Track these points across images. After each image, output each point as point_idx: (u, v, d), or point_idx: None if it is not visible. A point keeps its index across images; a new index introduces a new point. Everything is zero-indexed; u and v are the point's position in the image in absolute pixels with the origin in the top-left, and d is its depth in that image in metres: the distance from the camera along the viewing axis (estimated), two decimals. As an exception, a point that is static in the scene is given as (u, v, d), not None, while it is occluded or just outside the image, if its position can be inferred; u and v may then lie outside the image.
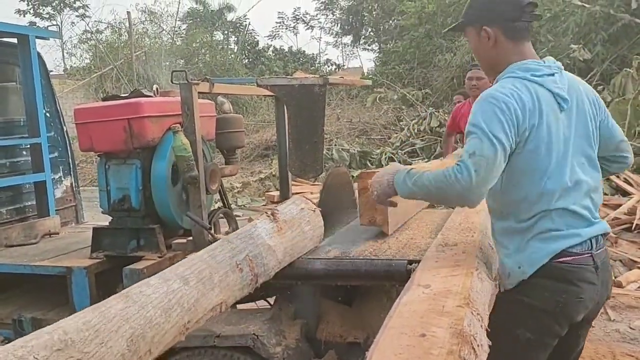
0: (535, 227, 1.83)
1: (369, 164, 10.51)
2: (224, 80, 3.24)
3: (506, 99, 1.75)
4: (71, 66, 23.29)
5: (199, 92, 2.74)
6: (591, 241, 1.84)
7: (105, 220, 3.59)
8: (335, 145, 11.63)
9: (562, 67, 1.93)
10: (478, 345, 1.30)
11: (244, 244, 2.02)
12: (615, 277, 4.75)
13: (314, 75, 2.86)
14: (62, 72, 22.52)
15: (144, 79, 19.12)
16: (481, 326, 1.44)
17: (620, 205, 6.22)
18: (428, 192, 1.85)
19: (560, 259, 1.80)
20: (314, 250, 2.48)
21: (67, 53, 24.99)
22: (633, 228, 5.72)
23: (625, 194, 6.68)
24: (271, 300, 2.88)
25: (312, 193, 7.01)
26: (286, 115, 2.82)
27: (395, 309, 1.51)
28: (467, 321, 1.36)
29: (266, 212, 2.38)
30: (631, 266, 5.03)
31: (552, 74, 1.86)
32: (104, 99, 3.28)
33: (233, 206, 7.01)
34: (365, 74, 22.87)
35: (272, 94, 3.08)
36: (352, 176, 3.86)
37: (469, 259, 1.93)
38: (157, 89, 3.30)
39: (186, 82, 2.62)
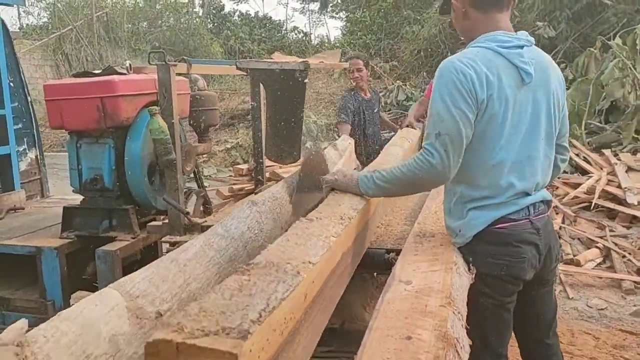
0: (480, 199, 1.91)
1: (337, 136, 10.50)
2: (201, 61, 3.17)
3: (463, 68, 1.78)
4: (27, 25, 22.31)
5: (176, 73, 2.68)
6: (529, 208, 1.93)
7: (68, 191, 3.53)
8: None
9: (534, 42, 1.96)
10: (461, 348, 1.34)
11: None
12: (574, 256, 4.93)
13: (293, 58, 2.83)
14: (18, 30, 21.56)
15: (105, 41, 18.51)
16: (462, 325, 1.49)
17: (579, 184, 6.41)
18: (402, 183, 1.93)
19: (498, 225, 1.90)
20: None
21: (23, 11, 23.87)
22: (592, 207, 5.91)
23: (584, 172, 6.89)
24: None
25: (280, 167, 6.99)
26: (265, 98, 2.79)
27: (380, 308, 1.54)
28: (450, 322, 1.40)
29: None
30: (589, 245, 5.22)
31: (521, 47, 1.87)
32: (75, 75, 3.17)
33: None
34: (332, 43, 22.68)
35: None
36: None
37: (447, 252, 1.97)
38: (130, 65, 3.21)
39: (164, 63, 2.56)
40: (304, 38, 25.66)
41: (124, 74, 3.08)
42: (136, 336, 1.22)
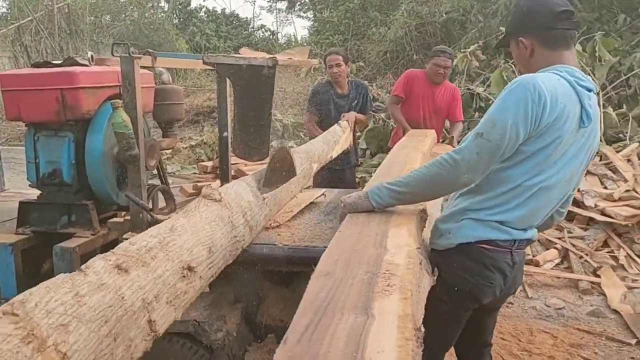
0: (485, 213, 1.90)
1: (303, 136, 10.48)
2: (167, 54, 3.10)
3: (542, 90, 1.74)
4: (-16, 14, 21.54)
5: (140, 66, 2.61)
6: (515, 241, 1.95)
7: (25, 186, 3.42)
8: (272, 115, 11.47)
9: (596, 91, 1.96)
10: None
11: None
12: (533, 256, 5.04)
13: (261, 53, 2.79)
14: (-26, 20, 20.79)
15: (66, 33, 18.02)
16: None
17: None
18: (421, 185, 1.91)
19: (484, 245, 1.91)
20: (262, 236, 2.46)
21: (-20, 0, 23.09)
22: (551, 209, 6.03)
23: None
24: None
25: (245, 165, 6.94)
26: (232, 94, 2.75)
27: None
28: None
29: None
30: (548, 246, 5.33)
31: (590, 90, 1.87)
32: (34, 66, 3.06)
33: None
34: (299, 42, 22.66)
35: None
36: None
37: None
38: (92, 56, 3.12)
39: (128, 55, 2.49)
40: (271, 36, 25.59)
41: (86, 65, 3.00)
42: (257, 203, 2.31)
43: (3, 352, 1.00)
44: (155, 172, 3.41)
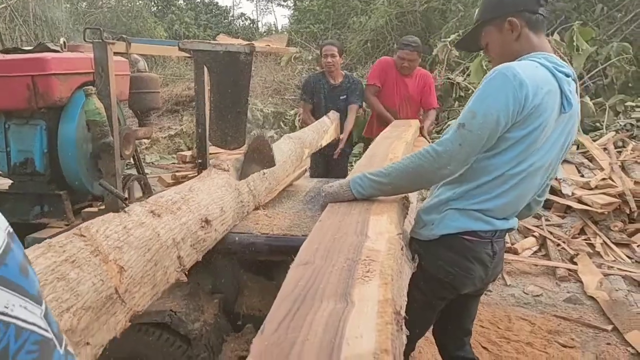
0: (469, 202, 1.88)
1: (282, 125, 10.43)
2: (142, 40, 3.03)
3: (522, 79, 1.71)
4: (-44, 1, 20.98)
5: (114, 52, 2.54)
6: (497, 231, 1.94)
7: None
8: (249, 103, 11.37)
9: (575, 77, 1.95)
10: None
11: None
12: (512, 244, 5.08)
13: (238, 40, 2.74)
14: (-55, 7, 20.23)
15: (42, 20, 17.65)
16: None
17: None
18: (402, 175, 1.88)
19: (466, 236, 1.90)
20: (239, 225, 2.43)
21: (-50, -15, 22.44)
22: (529, 198, 6.07)
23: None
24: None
25: (228, 155, 6.87)
26: (209, 82, 2.69)
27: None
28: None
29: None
30: (526, 234, 5.38)
31: (568, 75, 1.86)
32: (3, 52, 2.98)
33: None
34: (280, 31, 22.51)
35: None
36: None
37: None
38: (64, 42, 3.04)
39: (101, 40, 2.42)
40: (251, 25, 25.37)
41: (58, 51, 2.92)
42: (258, 176, 2.63)
43: (80, 259, 1.36)
44: (132, 161, 3.36)
